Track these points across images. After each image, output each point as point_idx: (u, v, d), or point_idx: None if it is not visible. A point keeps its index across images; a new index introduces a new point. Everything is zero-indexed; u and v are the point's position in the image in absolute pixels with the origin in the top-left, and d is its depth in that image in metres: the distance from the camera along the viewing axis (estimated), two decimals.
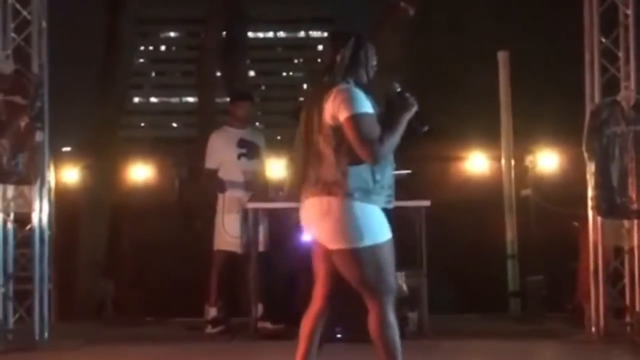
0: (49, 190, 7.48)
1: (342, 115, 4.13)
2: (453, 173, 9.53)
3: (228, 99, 8.32)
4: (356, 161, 4.14)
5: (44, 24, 7.23)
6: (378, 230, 4.22)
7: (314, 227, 4.35)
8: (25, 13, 7.14)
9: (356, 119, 4.11)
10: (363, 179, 4.16)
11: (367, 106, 4.17)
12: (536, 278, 8.22)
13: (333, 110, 4.16)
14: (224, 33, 10.69)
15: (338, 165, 4.16)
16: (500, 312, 8.45)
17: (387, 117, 4.25)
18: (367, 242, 4.18)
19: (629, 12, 6.94)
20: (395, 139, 4.23)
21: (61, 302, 8.87)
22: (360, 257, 4.21)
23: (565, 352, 6.74)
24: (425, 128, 4.47)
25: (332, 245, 4.24)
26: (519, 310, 8.49)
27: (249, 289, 7.30)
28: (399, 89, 4.41)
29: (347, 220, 4.17)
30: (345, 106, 4.14)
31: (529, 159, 9.05)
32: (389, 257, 4.27)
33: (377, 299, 4.31)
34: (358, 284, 4.31)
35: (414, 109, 4.34)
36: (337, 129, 4.16)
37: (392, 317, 4.33)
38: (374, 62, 4.45)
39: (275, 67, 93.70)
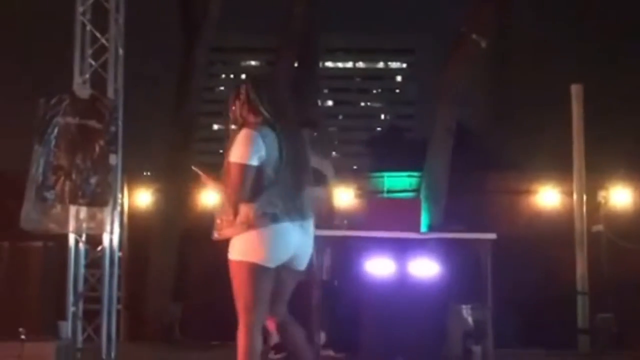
0: (122, 212, 7.63)
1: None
2: (524, 207, 9.43)
3: None
4: None
5: (121, 51, 7.44)
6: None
7: None
8: (103, 39, 7.36)
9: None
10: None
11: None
12: (606, 315, 8.07)
13: None
14: (297, 64, 10.77)
15: None
16: (568, 349, 8.28)
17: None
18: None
19: None
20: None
21: (131, 323, 9.06)
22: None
23: None
24: None
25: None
26: (587, 348, 8.31)
27: (312, 317, 7.30)
28: None
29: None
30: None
31: (601, 194, 8.90)
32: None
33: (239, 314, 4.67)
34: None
35: None
36: None
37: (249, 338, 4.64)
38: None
39: (354, 97, 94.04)
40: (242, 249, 4.61)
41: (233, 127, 4.79)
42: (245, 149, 4.56)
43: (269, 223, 4.57)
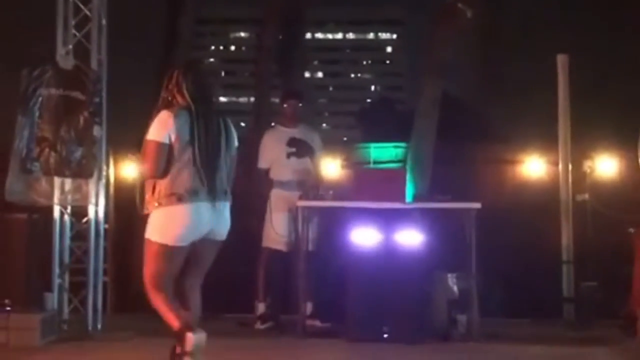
0: (107, 184, 7.62)
1: None
2: (510, 176, 9.44)
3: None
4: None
5: (104, 21, 7.41)
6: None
7: None
8: (85, 10, 7.32)
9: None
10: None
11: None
12: (590, 284, 8.11)
13: None
14: (283, 35, 10.76)
15: None
16: (553, 318, 8.33)
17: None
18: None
19: None
20: None
21: (117, 295, 9.06)
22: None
23: (617, 359, 6.63)
24: None
25: None
26: (572, 316, 8.36)
27: (298, 287, 7.34)
28: None
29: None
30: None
31: (587, 164, 8.91)
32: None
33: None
34: None
35: None
36: None
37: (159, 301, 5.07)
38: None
39: (344, 69, 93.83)
40: (150, 228, 4.98)
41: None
42: (158, 128, 4.93)
43: (175, 202, 4.87)
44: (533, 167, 9.27)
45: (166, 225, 4.91)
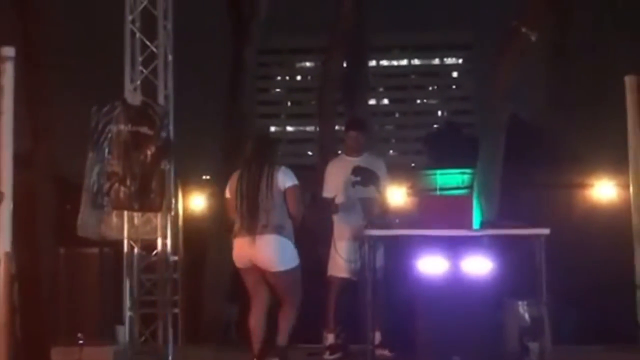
0: (176, 216, 7.73)
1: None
2: (579, 200, 9.32)
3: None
4: None
5: (170, 57, 7.54)
6: None
7: None
8: (152, 47, 7.46)
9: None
10: None
11: None
12: None
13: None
14: (346, 63, 10.81)
15: None
16: (627, 344, 8.14)
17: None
18: None
19: None
20: None
21: (188, 326, 9.13)
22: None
23: None
24: None
25: None
26: None
27: (366, 316, 7.29)
28: None
29: None
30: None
31: None
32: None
33: None
34: None
35: None
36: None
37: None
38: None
39: (410, 95, 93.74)
40: None
41: None
42: (227, 187, 6.57)
43: (233, 237, 6.51)
44: (603, 190, 9.13)
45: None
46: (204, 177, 11.03)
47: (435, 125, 69.04)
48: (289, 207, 6.47)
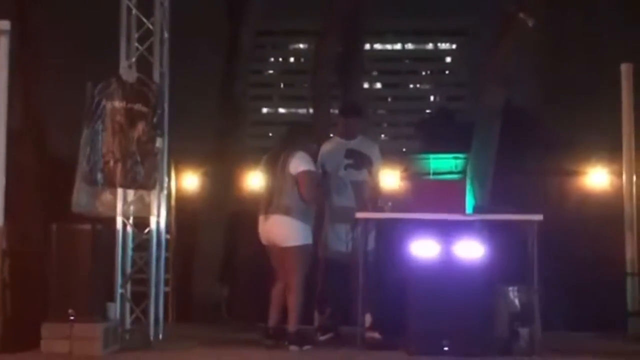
0: (169, 195, 7.70)
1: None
2: (573, 187, 9.32)
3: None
4: None
5: (166, 34, 7.49)
6: None
7: None
8: (148, 24, 7.41)
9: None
10: None
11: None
12: None
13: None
14: (341, 46, 10.77)
15: None
16: (617, 332, 8.18)
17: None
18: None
19: None
20: None
21: (178, 305, 9.15)
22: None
23: None
24: None
25: None
26: (637, 330, 8.20)
27: (357, 299, 7.31)
28: None
29: None
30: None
31: None
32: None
33: None
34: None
35: None
36: None
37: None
38: None
39: (403, 79, 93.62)
40: None
41: None
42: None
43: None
44: (596, 178, 9.14)
45: None
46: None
47: (427, 111, 69.02)
48: (299, 191, 6.88)
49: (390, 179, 8.84)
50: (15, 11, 8.69)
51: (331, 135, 8.80)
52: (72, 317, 6.59)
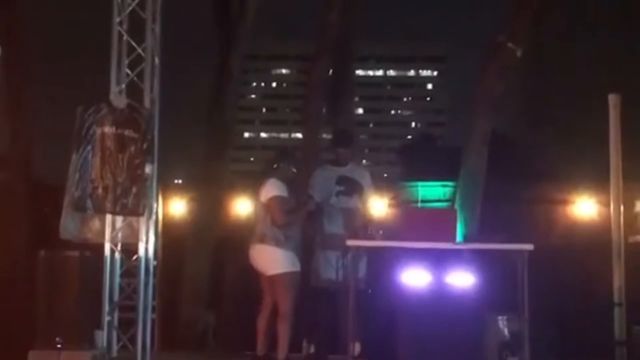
0: (156, 221, 7.65)
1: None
2: (560, 217, 9.35)
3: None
4: None
5: (157, 61, 7.47)
6: None
7: None
8: (139, 50, 7.39)
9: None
10: None
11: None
12: None
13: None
14: (331, 71, 10.78)
15: None
16: None
17: None
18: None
19: None
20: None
21: (164, 332, 9.08)
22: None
23: None
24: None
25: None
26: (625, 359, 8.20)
27: (347, 327, 7.26)
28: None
29: None
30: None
31: (639, 205, 8.79)
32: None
33: None
34: None
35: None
36: None
37: None
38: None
39: (384, 105, 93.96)
40: None
41: None
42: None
43: None
44: (584, 207, 9.17)
45: None
46: (176, 181, 10.95)
47: (408, 137, 69.19)
48: (271, 218, 6.94)
49: (378, 206, 8.82)
50: (5, 35, 8.66)
51: (322, 161, 8.79)
52: (59, 345, 6.53)
